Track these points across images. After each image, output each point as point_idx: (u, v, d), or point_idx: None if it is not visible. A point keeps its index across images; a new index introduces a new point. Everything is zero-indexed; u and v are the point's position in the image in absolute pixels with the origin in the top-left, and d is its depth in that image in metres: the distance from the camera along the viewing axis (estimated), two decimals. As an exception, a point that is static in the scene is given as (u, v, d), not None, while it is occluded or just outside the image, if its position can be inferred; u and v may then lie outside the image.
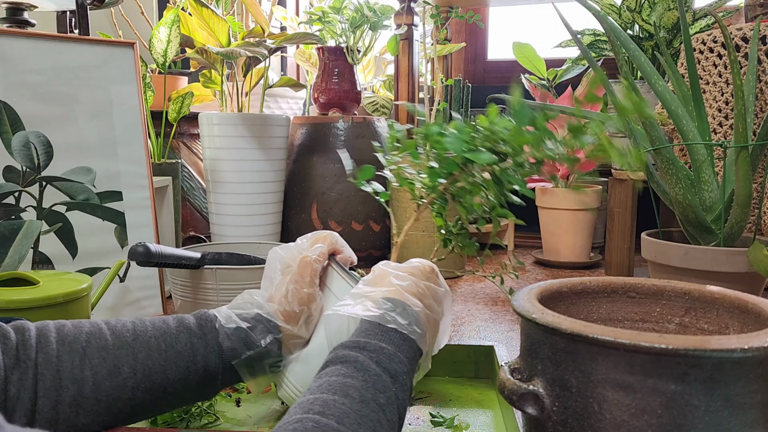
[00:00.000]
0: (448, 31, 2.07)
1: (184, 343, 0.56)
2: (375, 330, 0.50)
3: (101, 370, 0.52)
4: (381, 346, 0.48)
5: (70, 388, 0.50)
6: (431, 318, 0.56)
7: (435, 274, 0.60)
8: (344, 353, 0.47)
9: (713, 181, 1.02)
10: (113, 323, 0.56)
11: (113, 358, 0.53)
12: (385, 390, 0.45)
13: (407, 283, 0.56)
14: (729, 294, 0.54)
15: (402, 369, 0.48)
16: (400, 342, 0.50)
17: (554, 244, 1.66)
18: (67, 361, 0.51)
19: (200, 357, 0.56)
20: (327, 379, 0.45)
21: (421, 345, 0.53)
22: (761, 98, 1.16)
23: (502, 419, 0.71)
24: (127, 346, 0.54)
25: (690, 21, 1.46)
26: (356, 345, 0.48)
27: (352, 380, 0.44)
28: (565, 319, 0.46)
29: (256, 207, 1.52)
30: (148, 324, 0.57)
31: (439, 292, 0.59)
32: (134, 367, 0.53)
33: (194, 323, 0.58)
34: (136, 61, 1.16)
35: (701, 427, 0.41)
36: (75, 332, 0.53)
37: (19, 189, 1.03)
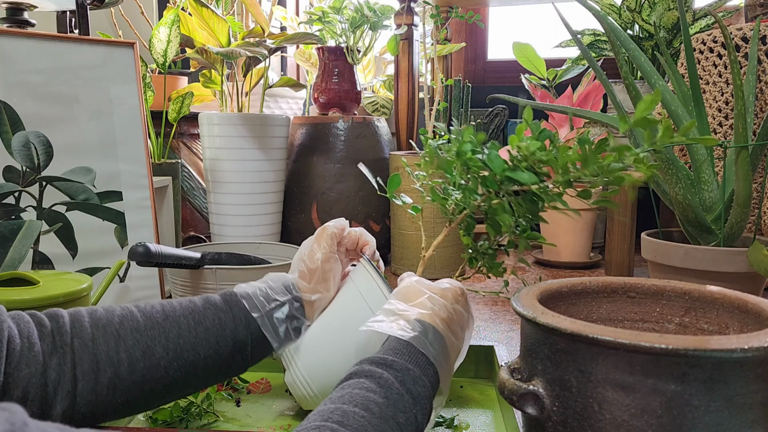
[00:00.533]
0: (448, 31, 2.07)
1: (211, 318, 0.59)
2: (403, 350, 0.50)
3: (135, 351, 0.54)
4: (408, 367, 0.49)
5: (107, 370, 0.52)
6: (455, 346, 0.57)
7: (464, 297, 0.60)
8: (370, 368, 0.48)
9: (713, 181, 1.02)
10: (143, 306, 0.57)
11: (146, 338, 0.55)
12: (405, 410, 0.45)
13: (439, 308, 0.56)
14: (729, 294, 0.54)
15: (425, 393, 0.48)
16: (426, 366, 0.50)
17: (554, 243, 1.66)
18: (103, 344, 0.52)
19: (228, 330, 0.59)
20: (349, 391, 0.45)
21: (441, 372, 0.53)
22: (761, 98, 1.16)
23: (502, 419, 0.71)
24: (158, 327, 0.56)
25: (690, 21, 1.46)
26: (383, 362, 0.48)
27: (374, 395, 0.44)
28: (565, 319, 0.46)
29: (256, 207, 1.52)
30: (176, 304, 0.59)
31: (465, 317, 0.60)
32: (166, 347, 0.55)
33: (219, 300, 0.61)
34: (136, 61, 1.16)
35: (701, 427, 0.41)
36: (107, 316, 0.55)
37: (19, 189, 1.03)
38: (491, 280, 1.49)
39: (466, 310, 0.60)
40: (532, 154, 0.56)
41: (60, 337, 0.51)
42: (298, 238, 1.61)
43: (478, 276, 1.53)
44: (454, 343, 0.56)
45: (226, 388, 0.79)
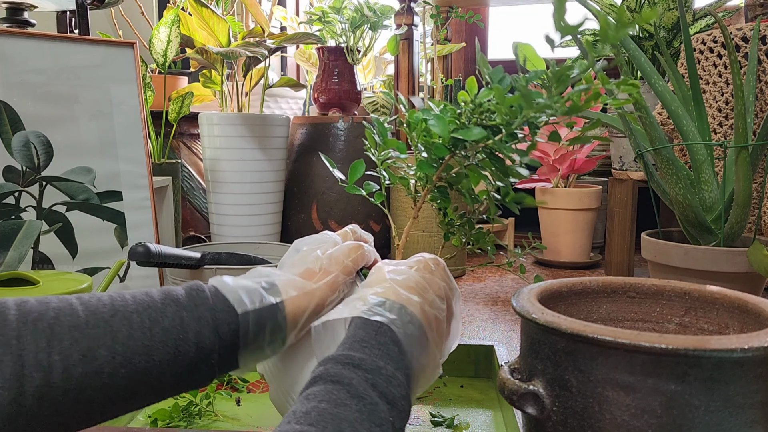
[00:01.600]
0: (448, 31, 2.07)
1: (171, 317, 0.47)
2: (368, 338, 0.44)
3: (73, 353, 0.43)
4: (378, 365, 0.42)
5: (34, 376, 0.41)
6: (432, 315, 0.50)
7: (441, 267, 0.53)
8: (336, 371, 0.41)
9: (713, 181, 1.02)
10: (86, 298, 0.47)
11: (87, 339, 0.44)
12: (381, 422, 0.39)
13: (403, 278, 0.50)
14: (729, 294, 0.54)
15: (401, 393, 0.42)
16: (398, 356, 0.44)
17: (554, 244, 1.66)
18: (31, 343, 0.42)
19: (191, 333, 0.48)
20: (316, 405, 0.39)
21: (417, 347, 0.46)
22: (761, 98, 1.16)
23: (502, 419, 0.71)
24: (104, 324, 0.45)
25: (690, 21, 1.46)
26: (350, 361, 0.42)
27: (344, 410, 0.38)
28: (565, 319, 0.46)
29: (256, 207, 1.52)
30: (129, 297, 0.48)
31: (443, 287, 0.52)
32: (112, 349, 0.44)
33: (183, 294, 0.49)
34: (136, 61, 1.16)
35: (701, 427, 0.41)
36: (40, 308, 0.44)
37: (19, 189, 1.03)
38: (491, 280, 1.49)
39: (444, 280, 0.53)
40: (478, 106, 0.50)
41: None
42: (297, 238, 1.61)
43: (477, 276, 1.53)
44: (430, 311, 0.49)
45: (225, 388, 0.79)
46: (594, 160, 1.62)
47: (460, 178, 0.56)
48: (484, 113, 0.51)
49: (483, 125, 0.51)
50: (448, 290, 0.53)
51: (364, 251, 0.57)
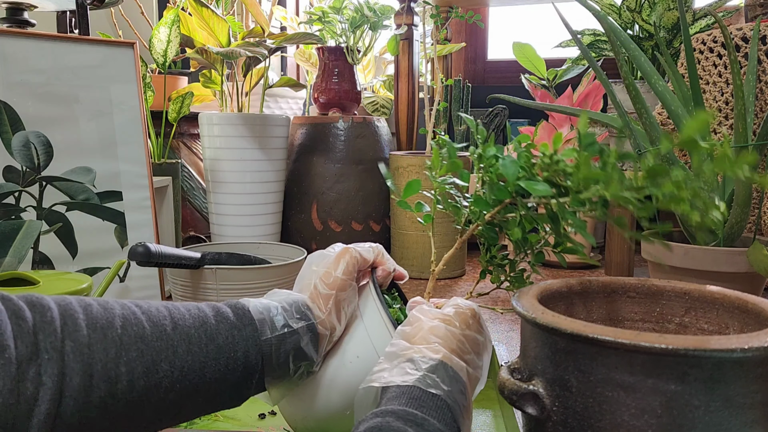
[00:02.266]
0: (448, 31, 2.07)
1: (225, 335, 0.48)
2: (425, 399, 0.43)
3: (138, 366, 0.42)
4: (438, 428, 0.41)
5: (101, 386, 0.40)
6: (474, 377, 0.50)
7: (476, 319, 0.54)
8: (398, 426, 0.40)
9: (713, 181, 1.02)
10: (146, 307, 0.46)
11: (152, 351, 0.43)
12: None
13: (446, 339, 0.49)
14: (729, 294, 0.54)
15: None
16: (452, 423, 0.43)
17: (554, 244, 1.66)
18: (101, 351, 0.41)
19: (240, 352, 0.48)
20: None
21: (461, 412, 0.46)
22: (761, 98, 1.16)
23: (502, 419, 0.71)
24: (166, 337, 0.45)
25: (690, 21, 1.46)
26: (413, 419, 0.41)
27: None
28: (565, 319, 0.46)
29: (256, 207, 1.52)
30: (185, 312, 0.48)
31: (480, 341, 0.53)
32: (173, 364, 0.44)
33: (231, 313, 0.50)
34: (136, 61, 1.16)
35: (701, 427, 0.41)
36: (107, 316, 0.43)
37: (19, 189, 1.03)
38: (491, 280, 1.49)
39: (480, 334, 0.53)
40: (555, 163, 0.47)
41: (45, 336, 0.39)
42: (298, 238, 1.61)
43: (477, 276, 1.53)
44: (470, 373, 0.50)
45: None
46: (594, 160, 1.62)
47: (513, 226, 0.54)
48: (559, 172, 0.48)
49: (552, 182, 0.48)
50: (483, 344, 0.53)
51: (352, 256, 0.57)
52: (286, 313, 0.52)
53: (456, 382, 0.46)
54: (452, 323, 0.51)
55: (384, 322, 0.57)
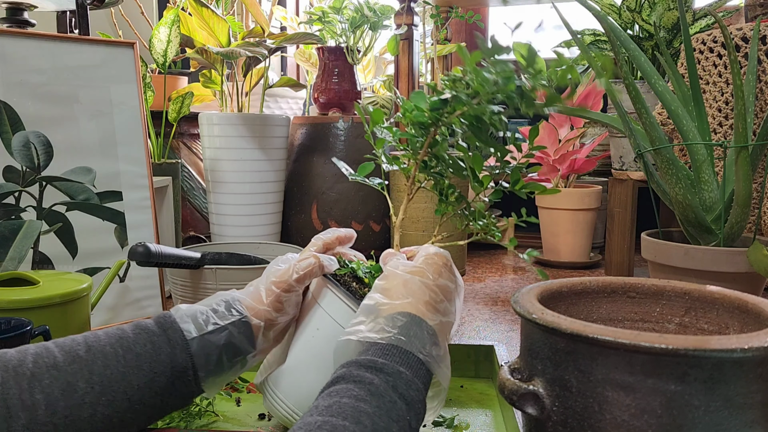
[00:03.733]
0: (448, 31, 2.07)
1: (143, 343, 0.52)
2: (392, 350, 0.47)
3: (54, 390, 0.47)
4: (399, 370, 0.45)
5: (21, 416, 0.45)
6: (446, 324, 0.53)
7: (448, 267, 0.57)
8: (359, 373, 0.44)
9: (713, 181, 1.02)
10: (61, 341, 0.51)
11: (65, 374, 0.48)
12: (399, 419, 0.42)
13: (420, 292, 0.53)
14: (729, 294, 0.54)
15: (418, 397, 0.45)
16: (417, 366, 0.47)
17: (554, 244, 1.66)
18: (14, 386, 0.45)
19: (164, 355, 0.52)
20: (338, 400, 0.41)
21: (434, 364, 0.49)
22: (761, 98, 1.16)
23: (502, 419, 0.71)
24: (79, 360, 0.49)
25: (690, 21, 1.46)
26: (373, 365, 0.45)
27: (365, 405, 0.41)
28: (565, 319, 0.46)
29: (256, 207, 1.52)
30: (101, 334, 0.52)
31: (452, 288, 0.56)
32: (90, 380, 0.48)
33: (152, 323, 0.55)
34: (136, 61, 1.16)
35: (701, 427, 0.41)
36: (19, 356, 0.48)
37: (19, 189, 1.03)
38: (491, 279, 1.49)
39: (451, 281, 0.56)
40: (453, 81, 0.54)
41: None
42: (298, 238, 1.61)
43: (477, 276, 1.53)
44: (443, 321, 0.53)
45: (225, 388, 0.78)
46: (594, 160, 1.62)
47: (444, 148, 0.58)
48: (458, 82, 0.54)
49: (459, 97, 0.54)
50: (454, 290, 0.56)
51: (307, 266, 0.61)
52: (216, 314, 0.57)
53: (429, 335, 0.50)
54: (425, 275, 0.54)
55: (340, 297, 0.61)
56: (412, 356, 0.47)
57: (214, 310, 0.57)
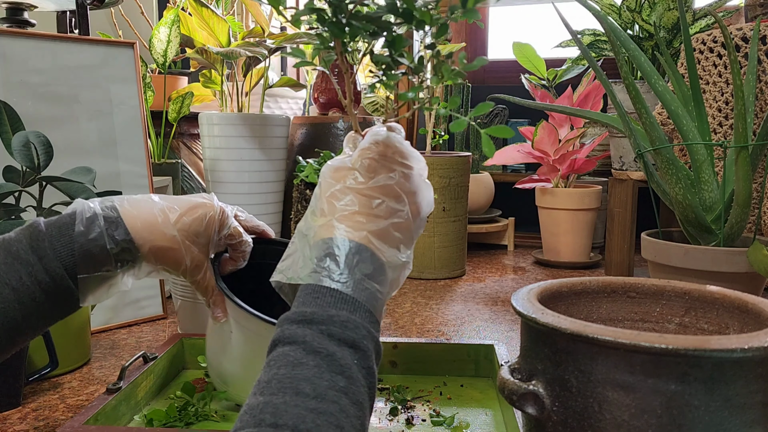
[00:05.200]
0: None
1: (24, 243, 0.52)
2: (320, 290, 0.43)
3: None
4: (330, 314, 0.41)
5: None
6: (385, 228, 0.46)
7: (387, 156, 0.48)
8: (290, 331, 0.41)
9: (713, 181, 1.02)
10: None
11: None
12: (342, 370, 0.39)
13: (351, 203, 0.46)
14: (729, 294, 0.54)
15: (360, 334, 0.41)
16: (352, 299, 0.43)
17: (554, 244, 1.66)
18: None
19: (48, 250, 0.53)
20: (275, 372, 0.39)
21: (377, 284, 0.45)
22: (761, 98, 1.16)
23: (502, 419, 0.71)
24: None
25: (690, 21, 1.46)
26: (303, 318, 0.41)
27: (301, 370, 0.38)
28: (565, 319, 0.46)
29: (256, 207, 1.52)
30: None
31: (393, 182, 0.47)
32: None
33: (41, 222, 0.56)
34: (136, 61, 1.16)
35: (701, 427, 0.41)
36: None
37: (19, 189, 1.03)
38: (491, 279, 1.49)
39: (392, 171, 0.48)
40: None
41: None
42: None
43: (477, 276, 1.53)
44: (386, 225, 0.46)
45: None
46: (594, 160, 1.62)
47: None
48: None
49: None
50: (403, 176, 0.48)
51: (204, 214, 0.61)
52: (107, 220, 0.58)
53: (354, 254, 0.44)
54: (356, 177, 0.47)
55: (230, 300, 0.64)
56: (338, 296, 0.43)
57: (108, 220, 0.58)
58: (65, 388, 0.83)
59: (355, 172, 0.47)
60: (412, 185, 0.49)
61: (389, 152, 0.48)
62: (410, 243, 0.49)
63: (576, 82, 1.85)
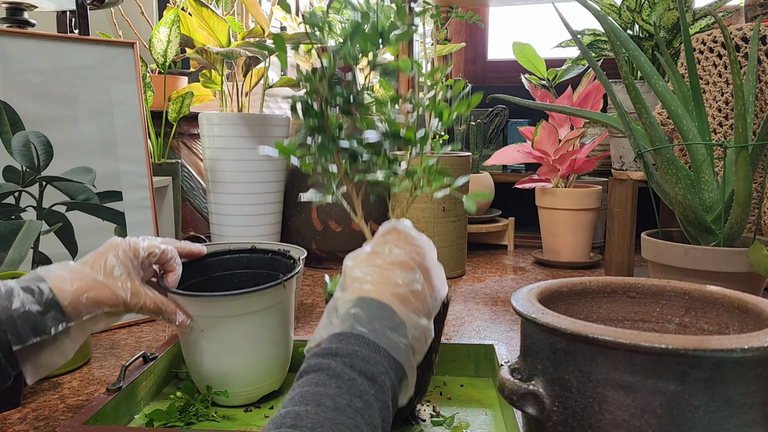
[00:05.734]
0: (448, 31, 2.07)
1: None
2: (346, 335, 0.48)
3: None
4: (354, 349, 0.46)
5: None
6: (404, 293, 0.52)
7: (401, 238, 0.57)
8: (316, 362, 0.46)
9: (713, 181, 1.02)
10: None
11: None
12: (361, 394, 0.43)
13: (371, 275, 0.53)
14: (729, 294, 0.54)
15: (379, 369, 0.46)
16: (373, 342, 0.48)
17: (554, 244, 1.66)
18: None
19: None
20: (299, 390, 0.43)
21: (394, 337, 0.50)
22: (761, 98, 1.16)
23: (502, 419, 0.71)
24: None
25: (690, 21, 1.46)
26: (328, 352, 0.46)
27: (324, 388, 0.43)
28: (565, 319, 0.46)
29: (256, 207, 1.52)
30: None
31: (406, 257, 0.55)
32: None
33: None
34: (136, 61, 1.16)
35: (701, 427, 0.41)
36: None
37: (19, 189, 1.03)
38: (491, 280, 1.49)
39: (405, 250, 0.55)
40: None
41: None
42: (298, 238, 1.61)
43: (477, 276, 1.53)
44: (401, 291, 0.52)
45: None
46: (594, 160, 1.62)
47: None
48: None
49: None
50: (415, 254, 0.56)
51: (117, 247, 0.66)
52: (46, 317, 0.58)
53: (378, 310, 0.50)
54: (374, 258, 0.55)
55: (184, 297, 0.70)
56: (364, 334, 0.48)
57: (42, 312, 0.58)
58: (65, 388, 0.83)
59: (373, 254, 0.55)
60: (426, 262, 0.56)
61: (400, 236, 0.57)
62: (428, 314, 0.55)
63: (576, 82, 1.85)
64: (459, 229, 1.50)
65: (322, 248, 1.58)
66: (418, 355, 0.53)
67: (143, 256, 0.68)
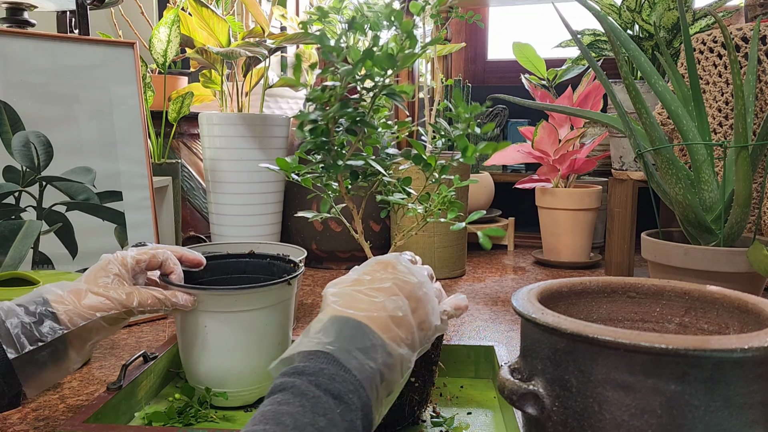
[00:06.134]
0: (448, 31, 2.07)
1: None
2: (314, 354, 0.47)
3: None
4: (321, 367, 0.45)
5: None
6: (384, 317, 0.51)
7: (389, 268, 0.55)
8: (281, 381, 0.45)
9: (713, 181, 1.02)
10: None
11: None
12: (325, 412, 0.42)
13: (349, 296, 0.52)
14: (729, 294, 0.54)
15: (347, 388, 0.44)
16: (342, 362, 0.47)
17: (554, 244, 1.66)
18: None
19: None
20: (262, 410, 0.42)
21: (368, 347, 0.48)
22: (761, 98, 1.16)
23: (502, 419, 0.71)
24: None
25: (690, 21, 1.46)
26: (294, 370, 0.45)
27: (287, 407, 0.42)
28: (565, 319, 0.46)
29: (256, 207, 1.52)
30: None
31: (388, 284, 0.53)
32: None
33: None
34: (136, 61, 1.16)
35: (701, 427, 0.41)
36: None
37: (19, 189, 1.03)
38: (491, 280, 1.49)
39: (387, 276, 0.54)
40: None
41: None
42: (298, 238, 1.61)
43: (477, 276, 1.53)
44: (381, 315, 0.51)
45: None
46: (594, 160, 1.62)
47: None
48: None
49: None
50: (402, 282, 0.54)
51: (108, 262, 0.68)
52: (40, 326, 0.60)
53: (350, 329, 0.49)
54: (355, 285, 0.54)
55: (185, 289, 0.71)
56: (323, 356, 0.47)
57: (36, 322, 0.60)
58: (65, 388, 0.83)
59: (357, 281, 0.54)
60: (417, 292, 0.55)
61: (387, 266, 0.56)
62: (411, 344, 0.53)
63: (576, 82, 1.85)
64: (459, 229, 1.50)
65: (322, 248, 1.58)
66: (388, 384, 0.50)
67: (131, 264, 0.69)
